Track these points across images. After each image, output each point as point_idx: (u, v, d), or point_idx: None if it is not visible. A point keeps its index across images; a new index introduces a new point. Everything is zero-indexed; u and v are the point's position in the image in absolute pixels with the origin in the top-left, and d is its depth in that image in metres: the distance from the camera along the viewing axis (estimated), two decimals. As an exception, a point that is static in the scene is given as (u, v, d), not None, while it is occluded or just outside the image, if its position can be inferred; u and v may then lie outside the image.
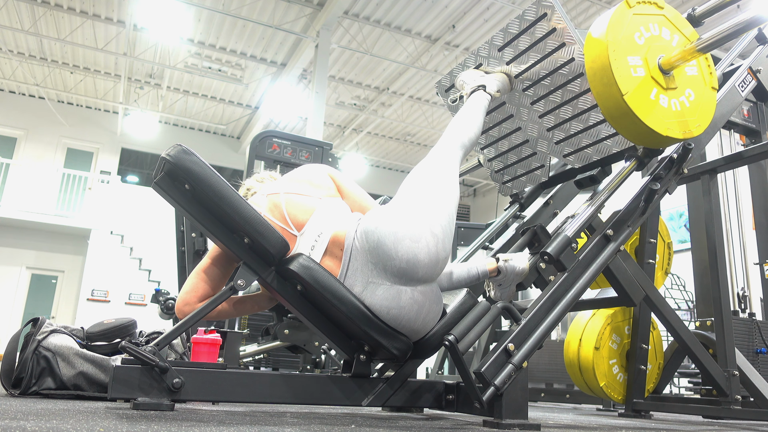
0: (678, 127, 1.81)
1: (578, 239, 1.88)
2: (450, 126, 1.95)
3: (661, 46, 1.85)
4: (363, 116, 12.83)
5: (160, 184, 1.58)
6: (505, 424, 1.54)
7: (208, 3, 9.25)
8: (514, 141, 2.48)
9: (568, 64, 2.09)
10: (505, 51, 2.26)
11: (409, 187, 1.73)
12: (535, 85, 2.23)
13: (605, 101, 1.78)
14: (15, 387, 1.98)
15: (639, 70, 1.78)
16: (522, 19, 2.17)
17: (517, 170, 2.56)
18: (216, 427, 1.22)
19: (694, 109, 1.87)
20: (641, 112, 1.74)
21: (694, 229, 3.09)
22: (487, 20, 9.45)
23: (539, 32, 2.13)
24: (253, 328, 3.90)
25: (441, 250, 1.63)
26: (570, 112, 2.17)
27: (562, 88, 2.15)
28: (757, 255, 3.17)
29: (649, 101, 1.77)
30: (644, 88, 1.77)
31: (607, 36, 1.75)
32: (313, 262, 1.63)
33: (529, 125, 2.37)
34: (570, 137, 2.21)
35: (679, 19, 1.94)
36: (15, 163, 12.24)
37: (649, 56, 1.81)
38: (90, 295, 11.07)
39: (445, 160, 1.82)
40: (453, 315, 1.71)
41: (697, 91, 1.90)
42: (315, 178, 1.84)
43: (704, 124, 1.88)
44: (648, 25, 1.86)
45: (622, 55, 1.76)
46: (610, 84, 1.73)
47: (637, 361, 2.84)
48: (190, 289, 1.69)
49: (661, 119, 1.78)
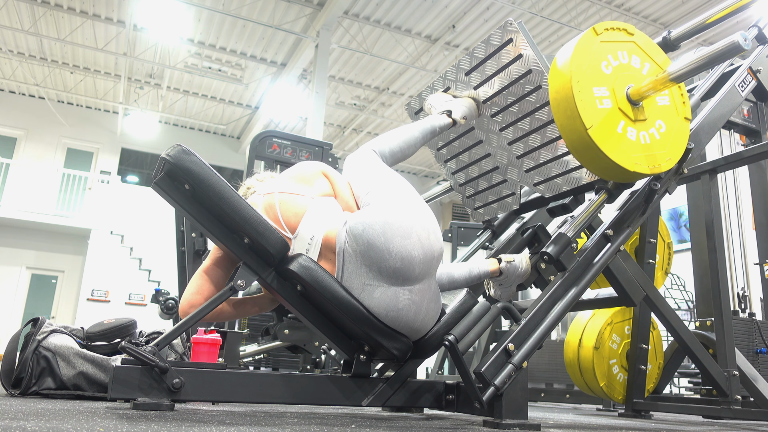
0: (645, 161, 1.71)
1: (578, 239, 1.87)
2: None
3: (630, 75, 1.75)
4: (363, 116, 12.83)
5: (160, 184, 1.58)
6: (505, 424, 1.54)
7: (208, 3, 9.25)
8: (485, 167, 2.40)
9: (535, 92, 2.02)
10: (473, 75, 2.21)
11: (372, 186, 1.72)
12: (503, 111, 2.16)
13: (569, 134, 1.68)
14: (15, 387, 1.98)
15: (605, 102, 1.67)
16: (488, 44, 2.10)
17: (488, 197, 2.46)
18: (216, 427, 1.22)
19: (665, 141, 1.78)
20: (606, 147, 1.64)
21: (694, 229, 3.09)
22: (487, 20, 9.45)
23: (505, 58, 2.07)
24: (253, 328, 3.90)
25: (434, 242, 1.62)
26: (539, 140, 2.10)
27: (530, 115, 2.08)
28: (757, 255, 3.17)
29: (616, 135, 1.67)
30: (610, 121, 1.67)
31: (570, 66, 1.65)
32: (312, 262, 1.63)
33: (498, 152, 2.28)
34: (539, 166, 2.13)
35: (651, 45, 1.85)
36: (15, 163, 12.24)
37: (617, 86, 1.71)
38: (90, 295, 11.07)
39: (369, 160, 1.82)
40: (453, 315, 1.71)
41: (669, 122, 1.81)
42: (309, 176, 1.82)
43: (675, 157, 1.79)
44: (616, 53, 1.75)
45: (587, 86, 1.66)
46: (574, 117, 1.63)
47: (637, 361, 2.84)
48: (195, 291, 1.69)
49: (628, 154, 1.68)
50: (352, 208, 1.80)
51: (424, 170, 15.71)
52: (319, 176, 1.84)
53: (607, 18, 9.09)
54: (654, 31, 9.19)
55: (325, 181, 1.83)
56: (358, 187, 1.79)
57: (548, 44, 9.82)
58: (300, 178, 1.81)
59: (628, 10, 8.98)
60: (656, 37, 2.15)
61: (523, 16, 9.09)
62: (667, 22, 9.14)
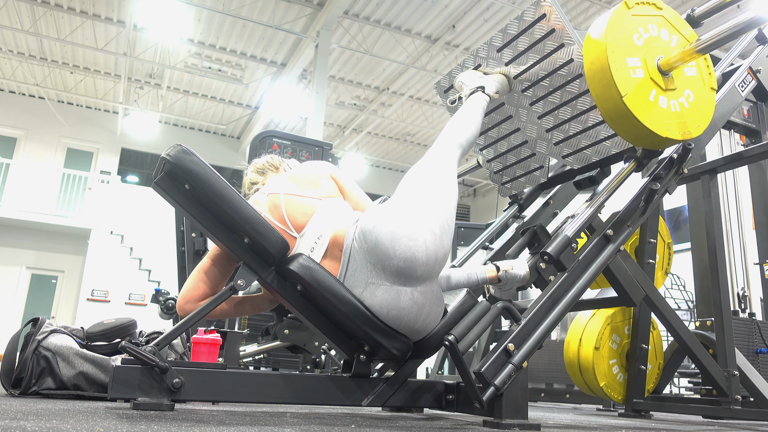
0: (677, 128, 1.81)
1: (578, 239, 1.88)
2: (447, 126, 1.94)
3: (660, 47, 1.84)
4: (363, 116, 12.83)
5: (160, 184, 1.58)
6: (505, 424, 1.54)
7: (208, 3, 9.25)
8: (513, 142, 2.48)
9: (567, 65, 2.08)
10: (504, 52, 2.26)
11: (407, 186, 1.72)
12: (534, 86, 2.22)
13: (604, 103, 1.77)
14: (15, 387, 1.98)
15: (638, 72, 1.77)
16: (521, 20, 2.16)
17: (516, 171, 2.55)
18: (216, 427, 1.22)
19: (693, 109, 1.87)
20: (640, 114, 1.74)
21: (694, 229, 3.09)
22: (487, 20, 9.45)
23: (538, 33, 2.12)
24: (253, 328, 3.90)
25: (439, 248, 1.62)
26: (569, 113, 2.17)
27: (561, 89, 2.15)
28: (757, 255, 3.17)
29: (648, 102, 1.77)
30: (643, 90, 1.76)
31: (606, 37, 1.75)
32: (313, 262, 1.63)
33: (528, 126, 2.36)
34: (569, 138, 2.21)
35: (678, 19, 1.93)
36: (15, 163, 12.24)
37: (648, 57, 1.80)
38: (90, 295, 11.07)
39: (442, 160, 1.81)
40: (453, 315, 1.71)
41: (696, 91, 1.90)
42: (316, 178, 1.84)
43: (703, 125, 1.87)
44: (647, 26, 1.85)
45: (621, 57, 1.75)
46: (609, 86, 1.73)
47: (637, 361, 2.84)
48: (192, 288, 1.70)
49: (661, 120, 1.78)
50: (363, 209, 1.84)
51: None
52: (326, 178, 1.86)
53: (607, 18, 9.08)
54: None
55: (331, 183, 1.85)
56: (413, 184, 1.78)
57: (548, 44, 9.81)
58: (306, 180, 1.82)
59: (628, 10, 8.97)
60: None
61: (523, 16, 9.08)
62: (667, 22, 9.13)
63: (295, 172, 1.88)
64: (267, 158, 2.02)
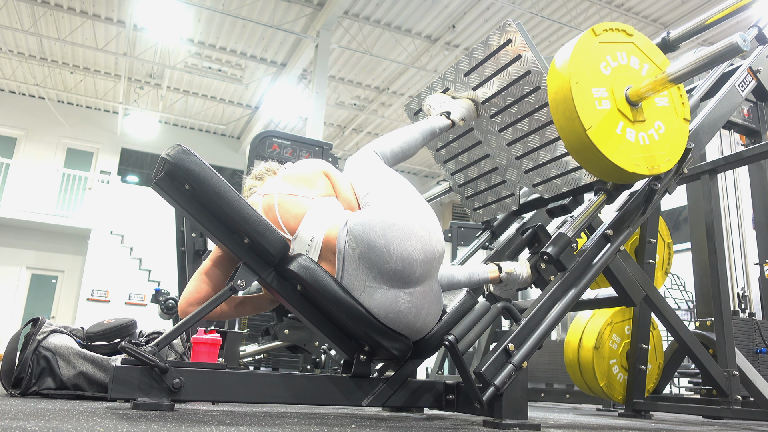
0: (645, 162, 1.71)
1: (578, 239, 1.87)
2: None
3: (629, 76, 1.75)
4: (363, 116, 12.83)
5: (160, 184, 1.58)
6: (505, 424, 1.54)
7: (208, 3, 9.25)
8: (483, 168, 2.40)
9: (534, 93, 2.02)
10: (472, 76, 2.20)
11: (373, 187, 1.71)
12: (502, 112, 2.16)
13: (568, 135, 1.68)
14: (15, 387, 1.98)
15: (604, 103, 1.67)
16: (486, 45, 2.10)
17: (487, 197, 2.47)
18: (216, 427, 1.22)
19: (664, 142, 1.78)
20: (605, 148, 1.64)
21: (694, 229, 3.09)
22: (487, 20, 9.45)
23: (504, 59, 2.07)
24: (253, 328, 3.90)
25: (435, 242, 1.61)
26: (537, 141, 2.10)
27: (528, 116, 2.08)
28: (757, 255, 3.17)
29: (615, 136, 1.67)
30: (609, 122, 1.67)
31: (569, 67, 1.65)
32: (312, 262, 1.63)
33: (497, 152, 2.28)
34: (538, 167, 2.13)
35: (650, 46, 1.85)
36: (15, 163, 12.24)
37: (616, 87, 1.71)
38: (90, 295, 11.07)
39: (369, 161, 1.82)
40: (453, 315, 1.71)
41: (668, 123, 1.81)
42: (310, 176, 1.81)
43: (674, 158, 1.79)
44: (615, 54, 1.75)
45: (585, 87, 1.65)
46: (573, 118, 1.63)
47: (637, 361, 2.84)
48: (193, 290, 1.70)
49: (627, 155, 1.68)
50: (353, 208, 1.79)
51: (424, 170, 15.71)
52: (320, 176, 1.82)
53: (607, 18, 9.09)
54: (654, 31, 9.19)
55: (325, 181, 1.82)
56: (359, 188, 1.79)
57: (548, 44, 9.82)
58: (300, 178, 1.80)
59: (628, 10, 8.98)
60: (656, 37, 2.15)
61: (523, 16, 9.09)
62: (667, 22, 9.14)
63: (289, 171, 1.85)
64: (265, 165, 2.00)
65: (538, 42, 9.78)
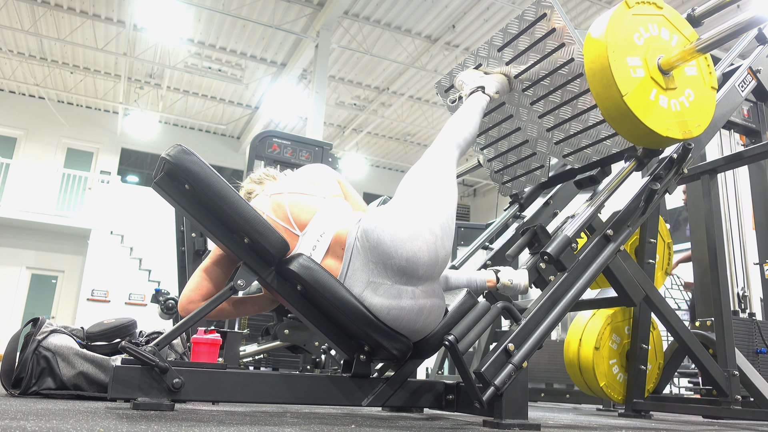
0: (678, 127, 1.81)
1: (578, 239, 1.88)
2: (446, 126, 1.95)
3: (660, 46, 1.84)
4: (363, 116, 12.83)
5: (160, 184, 1.58)
6: (505, 424, 1.54)
7: (208, 3, 9.25)
8: (514, 141, 2.48)
9: (568, 65, 2.08)
10: (505, 51, 2.26)
11: (408, 186, 1.73)
12: (535, 85, 2.22)
13: (605, 102, 1.78)
14: (15, 387, 1.98)
15: (638, 71, 1.77)
16: (521, 20, 2.16)
17: (516, 170, 2.55)
18: (216, 427, 1.22)
19: (694, 109, 1.87)
20: (641, 113, 1.74)
21: (694, 229, 3.09)
22: (487, 20, 9.45)
23: (539, 32, 2.12)
24: (253, 328, 3.90)
25: (440, 248, 1.63)
26: (569, 112, 2.17)
27: (561, 88, 2.15)
28: (757, 255, 3.17)
29: (649, 102, 1.77)
30: (644, 89, 1.77)
31: (606, 36, 1.75)
32: (313, 262, 1.63)
33: (528, 125, 2.36)
34: (569, 137, 2.21)
35: (679, 19, 1.94)
36: (15, 163, 12.24)
37: (649, 57, 1.80)
38: (90, 295, 11.07)
39: (441, 160, 1.82)
40: (453, 315, 1.71)
41: (697, 91, 1.90)
42: (320, 179, 1.87)
43: (704, 124, 1.88)
44: (647, 26, 1.85)
45: (621, 56, 1.75)
46: (610, 85, 1.73)
47: (637, 361, 2.84)
48: (194, 287, 1.70)
49: (661, 120, 1.78)
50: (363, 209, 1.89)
51: (424, 170, 15.70)
52: (333, 181, 1.90)
53: (607, 18, 9.09)
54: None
55: (335, 185, 1.89)
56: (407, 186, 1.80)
57: (548, 44, 9.81)
58: (310, 181, 1.85)
59: (628, 10, 8.98)
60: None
61: (523, 16, 9.08)
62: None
63: (297, 173, 1.90)
64: (264, 170, 2.06)
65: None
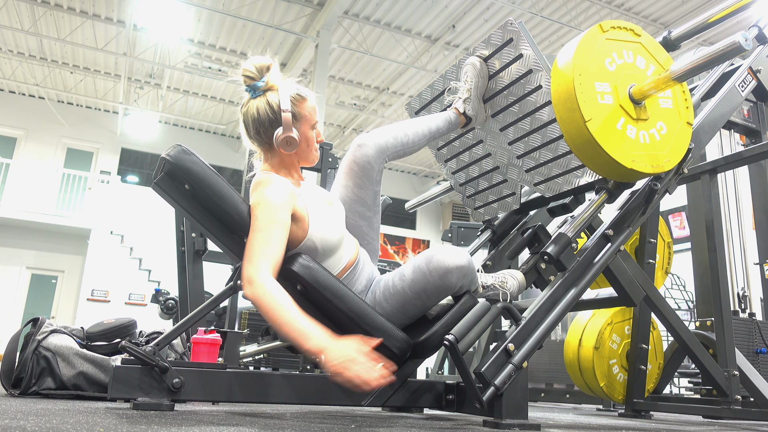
0: (645, 160, 1.71)
1: (578, 239, 1.87)
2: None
3: (634, 74, 1.75)
4: (363, 116, 12.83)
5: (160, 184, 1.58)
6: (505, 424, 1.54)
7: (208, 3, 9.25)
8: (485, 167, 2.40)
9: (536, 92, 2.03)
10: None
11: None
12: (504, 111, 2.16)
13: (568, 127, 1.69)
14: (15, 387, 1.98)
15: (606, 97, 1.67)
16: (488, 43, 2.11)
17: (488, 196, 2.47)
18: (216, 427, 1.22)
19: (665, 143, 1.77)
20: (604, 142, 1.64)
21: (694, 229, 3.09)
22: (487, 20, 9.45)
23: (506, 57, 2.07)
24: (253, 328, 3.90)
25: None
26: (539, 140, 2.10)
27: (530, 115, 2.08)
28: (757, 255, 3.17)
29: (615, 131, 1.66)
30: (611, 117, 1.67)
31: (574, 59, 1.65)
32: (313, 262, 1.63)
33: (498, 151, 2.29)
34: (540, 166, 2.14)
35: (655, 46, 1.85)
36: (15, 163, 12.23)
37: (620, 84, 1.71)
38: (90, 295, 11.07)
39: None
40: (453, 315, 1.71)
41: (670, 124, 1.80)
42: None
43: (674, 160, 1.78)
44: (621, 52, 1.76)
45: (588, 80, 1.66)
46: (573, 109, 1.63)
47: (637, 361, 2.84)
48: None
49: (627, 151, 1.67)
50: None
51: (424, 170, 15.71)
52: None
53: (607, 18, 9.09)
54: (654, 30, 9.18)
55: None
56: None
57: (548, 44, 9.82)
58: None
59: (628, 10, 8.98)
60: (656, 37, 2.15)
61: (523, 16, 9.09)
62: (667, 22, 9.14)
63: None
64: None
65: (539, 42, 9.77)
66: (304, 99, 1.72)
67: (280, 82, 1.71)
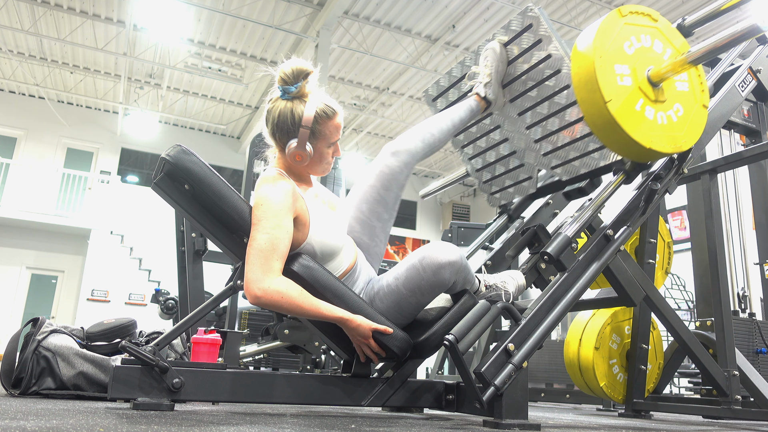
0: (663, 140, 1.76)
1: (578, 239, 1.87)
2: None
3: (652, 57, 1.80)
4: (363, 116, 12.83)
5: (159, 184, 1.58)
6: (505, 424, 1.54)
7: (208, 3, 9.25)
8: (502, 152, 2.43)
9: (555, 76, 2.05)
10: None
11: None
12: (522, 96, 2.19)
13: (589, 108, 1.73)
14: (15, 387, 1.98)
15: (626, 80, 1.73)
16: (507, 29, 2.14)
17: (504, 181, 2.51)
18: (216, 427, 1.22)
19: (682, 124, 1.82)
20: (624, 122, 1.69)
21: (694, 229, 3.09)
22: (487, 20, 9.45)
23: (525, 43, 2.10)
24: (253, 328, 3.90)
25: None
26: (557, 124, 2.13)
27: (548, 99, 2.11)
28: (757, 255, 3.17)
29: (634, 112, 1.72)
30: (630, 98, 1.72)
31: (594, 42, 1.71)
32: (313, 262, 1.63)
33: (516, 136, 2.32)
34: (557, 149, 2.17)
35: (673, 31, 1.90)
36: (15, 163, 12.23)
37: (638, 67, 1.76)
38: (90, 295, 11.07)
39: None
40: (453, 315, 1.71)
41: (687, 106, 1.85)
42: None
43: (691, 141, 1.83)
44: (639, 36, 1.81)
45: (608, 63, 1.72)
46: (594, 90, 1.68)
47: (637, 361, 2.84)
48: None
49: (646, 131, 1.73)
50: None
51: (424, 170, 15.71)
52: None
53: (607, 18, 9.08)
54: (654, 31, 9.18)
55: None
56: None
57: (548, 44, 9.81)
58: None
59: (628, 10, 8.97)
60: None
61: (523, 16, 9.08)
62: (667, 22, 9.14)
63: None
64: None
65: (538, 42, 9.76)
66: (330, 118, 1.70)
67: (313, 94, 1.71)
